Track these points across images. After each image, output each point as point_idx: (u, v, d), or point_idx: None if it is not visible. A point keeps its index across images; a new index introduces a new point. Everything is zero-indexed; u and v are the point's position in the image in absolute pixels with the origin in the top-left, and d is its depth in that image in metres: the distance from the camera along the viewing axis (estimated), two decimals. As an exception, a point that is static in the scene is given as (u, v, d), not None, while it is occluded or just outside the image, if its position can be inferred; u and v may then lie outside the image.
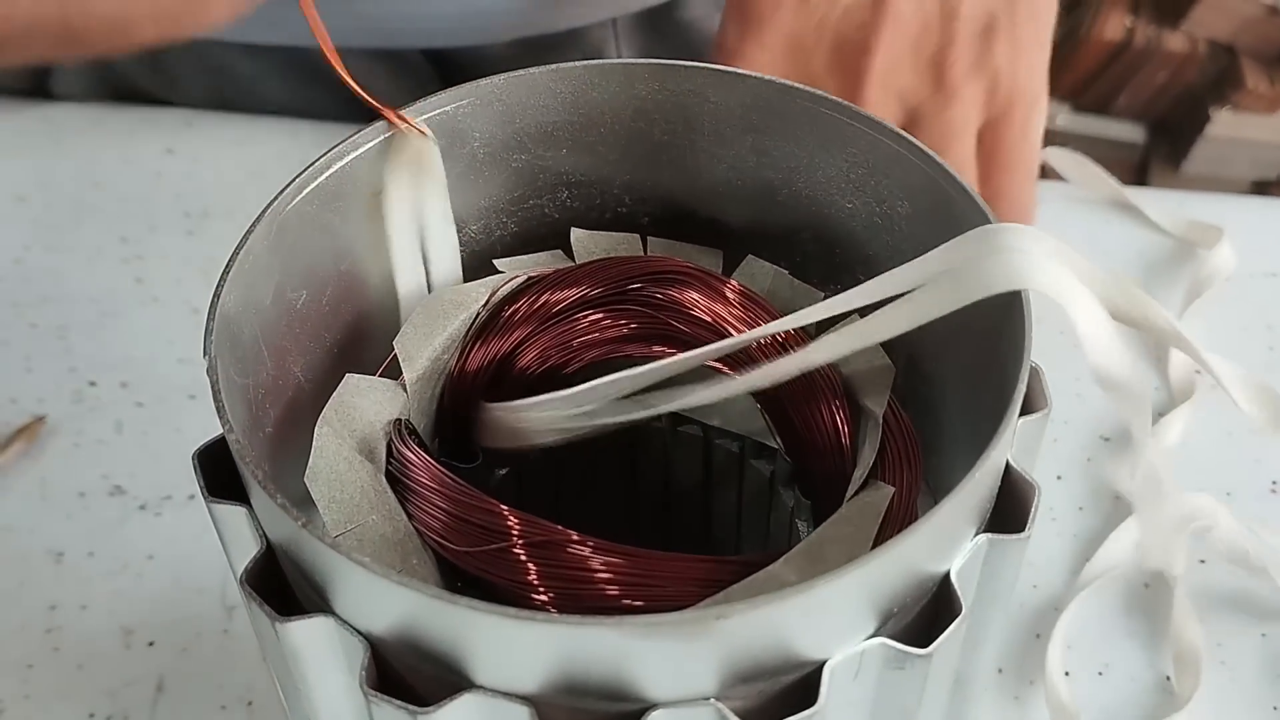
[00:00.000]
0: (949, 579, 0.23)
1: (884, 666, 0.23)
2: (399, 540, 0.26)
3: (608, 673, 0.21)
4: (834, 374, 0.29)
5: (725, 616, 0.20)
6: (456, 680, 0.22)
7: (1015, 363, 0.24)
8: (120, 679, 0.39)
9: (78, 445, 0.46)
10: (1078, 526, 0.45)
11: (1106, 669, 0.41)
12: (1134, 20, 1.37)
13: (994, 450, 0.23)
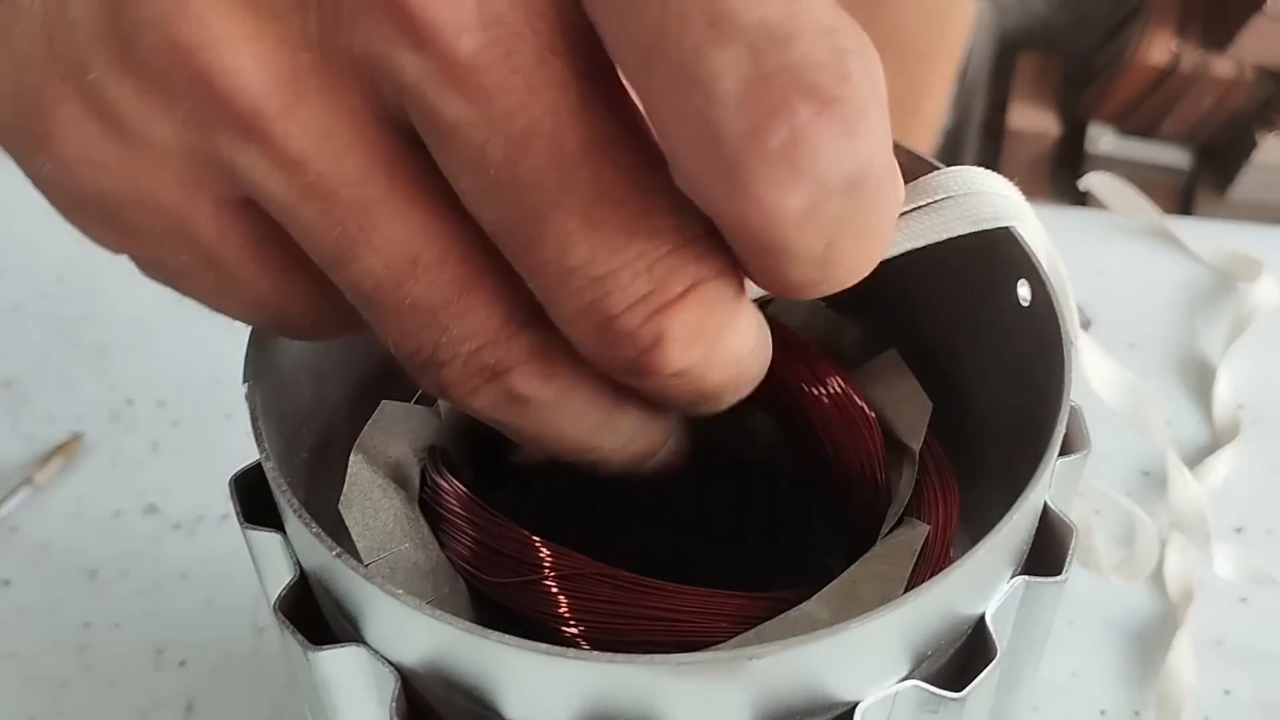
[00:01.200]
0: (984, 622, 0.23)
1: (917, 709, 0.22)
2: (431, 569, 0.26)
3: (638, 710, 0.21)
4: (870, 409, 0.28)
5: (758, 657, 0.20)
6: (486, 713, 0.21)
7: (1055, 402, 0.24)
8: (151, 698, 0.40)
9: (114, 464, 0.46)
10: (1114, 562, 0.44)
11: (1143, 708, 0.40)
12: (1180, 44, 1.36)
13: (1032, 492, 0.22)
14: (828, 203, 0.16)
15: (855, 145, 0.16)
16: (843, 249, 0.17)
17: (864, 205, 0.17)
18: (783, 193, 0.16)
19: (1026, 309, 0.27)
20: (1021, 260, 0.26)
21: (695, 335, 0.18)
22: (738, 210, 0.16)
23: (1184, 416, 0.50)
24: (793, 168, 0.15)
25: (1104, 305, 0.54)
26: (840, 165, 0.16)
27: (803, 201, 0.16)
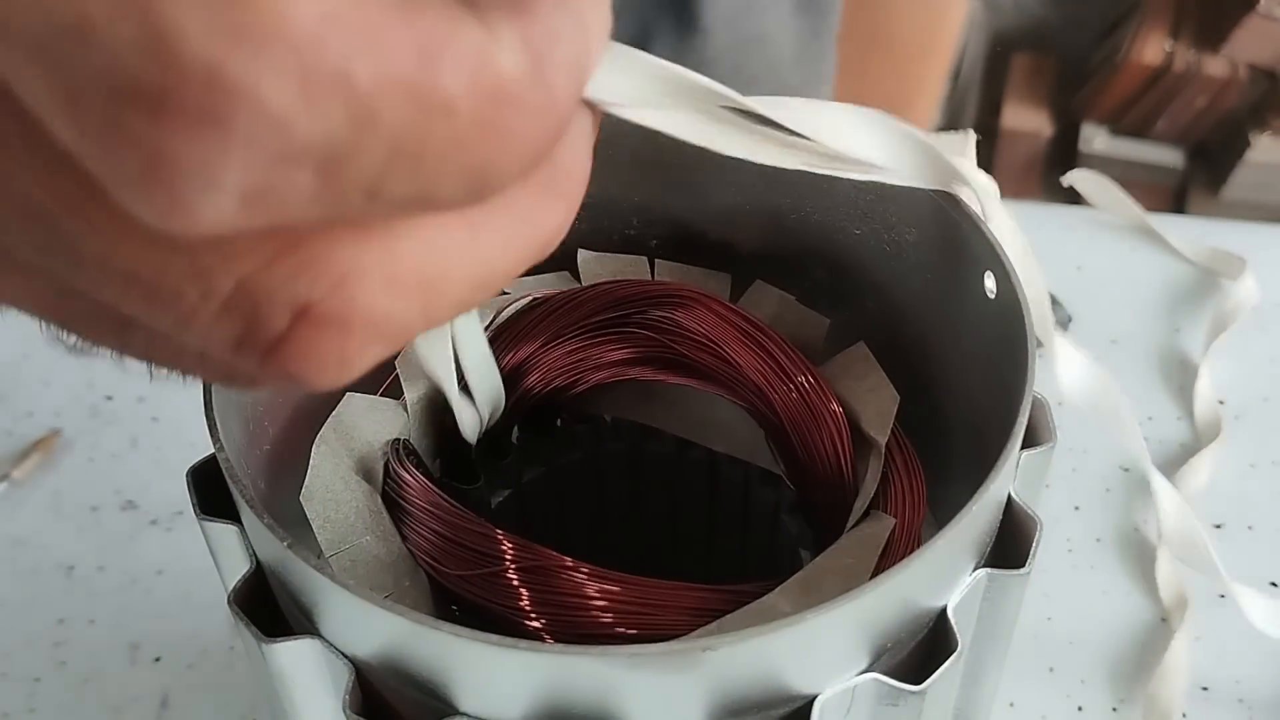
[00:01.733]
0: (945, 614, 0.23)
1: (877, 703, 0.22)
2: (392, 562, 0.26)
3: (593, 702, 0.20)
4: (837, 402, 0.28)
5: (713, 648, 0.20)
6: (441, 707, 0.21)
7: (1019, 394, 0.24)
8: (126, 694, 0.39)
9: (92, 459, 0.46)
10: (1095, 558, 0.44)
11: (1121, 704, 0.40)
12: (1174, 44, 1.36)
13: (993, 483, 0.22)
14: (282, 185, 0.12)
15: (229, 131, 0.12)
16: (404, 189, 0.13)
17: (369, 150, 0.12)
18: (187, 212, 0.12)
19: (993, 301, 0.26)
20: (988, 253, 0.26)
21: (336, 363, 0.15)
22: (172, 233, 0.12)
23: (1165, 413, 0.49)
24: (166, 188, 0.12)
25: (1085, 302, 0.53)
26: (227, 159, 0.12)
27: (222, 209, 0.12)
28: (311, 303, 0.14)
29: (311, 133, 0.12)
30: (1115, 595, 0.43)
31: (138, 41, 0.11)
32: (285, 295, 0.14)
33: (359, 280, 0.14)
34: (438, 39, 0.12)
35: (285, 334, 0.14)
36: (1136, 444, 0.30)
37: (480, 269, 0.15)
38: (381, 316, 0.14)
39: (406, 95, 0.12)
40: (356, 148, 0.12)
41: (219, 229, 0.12)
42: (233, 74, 0.11)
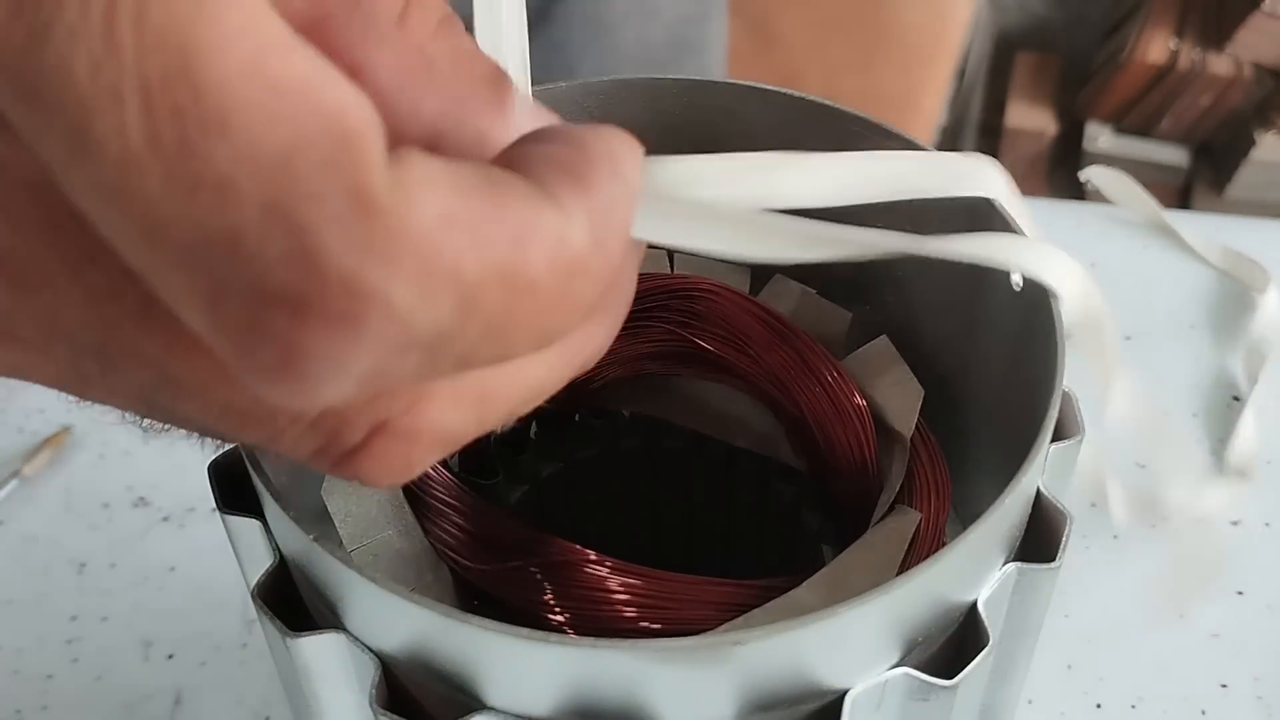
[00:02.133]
0: (976, 609, 0.22)
1: (907, 698, 0.22)
2: (415, 556, 0.25)
3: (621, 697, 0.20)
4: (861, 396, 0.28)
5: (743, 642, 0.19)
6: (468, 701, 0.21)
7: (1048, 387, 0.24)
8: (139, 692, 0.39)
9: (103, 456, 0.46)
10: (1113, 555, 0.44)
11: (1139, 702, 0.40)
12: (1178, 42, 1.36)
13: (1024, 476, 0.22)
14: (394, 368, 0.14)
15: (360, 331, 0.13)
16: (487, 357, 0.15)
17: (466, 334, 0.14)
18: (311, 396, 0.14)
19: (1019, 294, 0.26)
20: (1014, 244, 0.26)
21: (401, 466, 0.16)
22: (291, 408, 0.14)
23: (1180, 409, 0.49)
24: (298, 377, 0.13)
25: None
26: (356, 354, 0.13)
27: (341, 391, 0.14)
28: (388, 420, 0.16)
29: (427, 323, 0.13)
30: (1133, 592, 0.43)
31: (285, 254, 0.12)
32: (366, 416, 0.16)
33: (430, 401, 0.16)
34: (526, 226, 0.14)
35: (360, 445, 0.16)
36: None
37: (532, 386, 0.17)
38: (445, 429, 0.16)
39: (501, 280, 0.14)
40: (458, 330, 0.14)
41: (331, 404, 0.14)
42: (368, 281, 0.13)
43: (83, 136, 0.12)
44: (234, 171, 0.12)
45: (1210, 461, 0.47)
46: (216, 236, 0.12)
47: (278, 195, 0.12)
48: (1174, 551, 0.44)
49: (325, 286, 0.13)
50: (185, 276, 0.13)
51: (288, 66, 0.13)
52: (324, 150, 0.13)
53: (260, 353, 0.13)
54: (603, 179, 0.15)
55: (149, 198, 0.12)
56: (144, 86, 0.12)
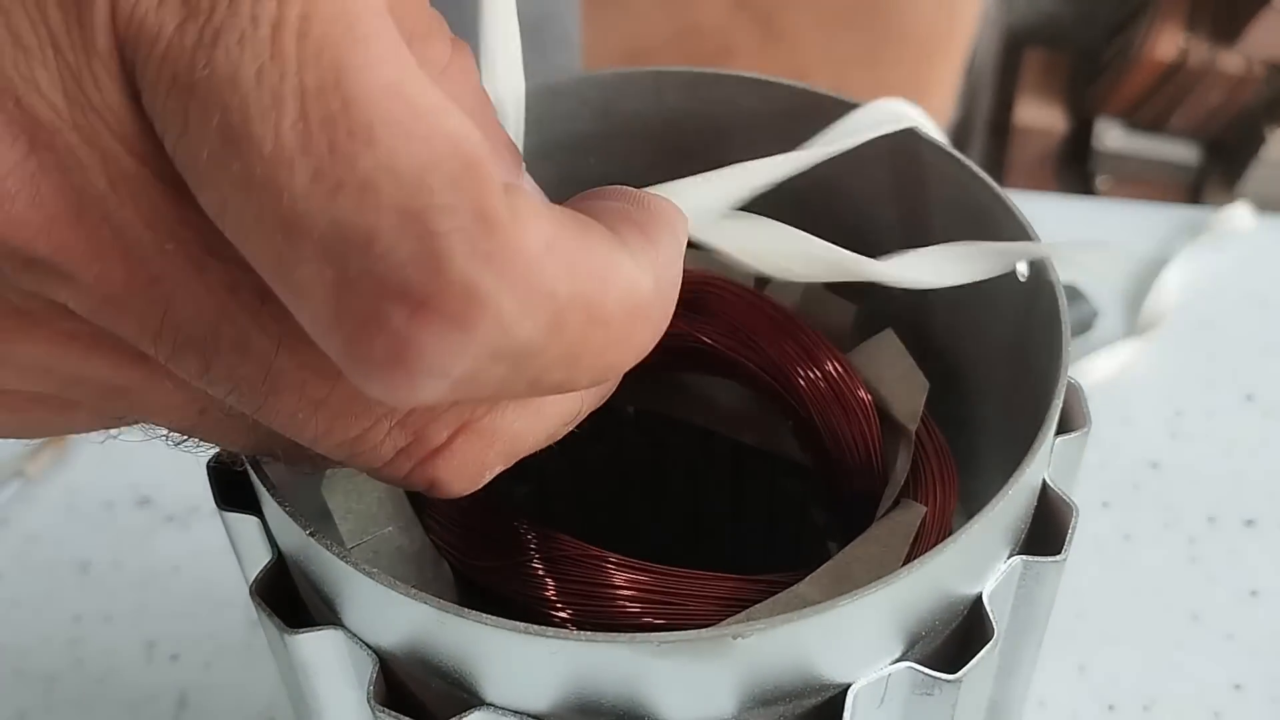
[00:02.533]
0: (981, 602, 0.22)
1: (911, 692, 0.22)
2: (415, 553, 0.25)
3: (622, 692, 0.20)
4: (865, 389, 0.28)
5: (743, 635, 0.19)
6: (467, 698, 0.21)
7: (1052, 379, 0.23)
8: (143, 692, 0.39)
9: (106, 456, 0.46)
10: (1125, 555, 0.44)
11: (1152, 703, 0.40)
12: (1188, 39, 1.35)
13: (1028, 467, 0.22)
14: (487, 375, 0.15)
15: (470, 334, 0.14)
16: (558, 379, 0.16)
17: (551, 353, 0.15)
18: (411, 392, 0.15)
19: (1024, 285, 0.26)
20: (1019, 236, 0.26)
21: (476, 470, 0.18)
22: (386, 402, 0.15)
23: (1192, 407, 0.49)
24: (406, 372, 0.14)
25: (1110, 296, 0.53)
26: (461, 356, 0.14)
27: (437, 391, 0.15)
28: (470, 420, 0.17)
29: (522, 336, 0.15)
30: (1146, 593, 0.43)
31: (414, 256, 0.14)
32: (453, 416, 0.17)
33: (503, 407, 0.18)
34: (608, 267, 0.16)
35: (443, 445, 0.17)
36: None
37: (576, 403, 0.19)
38: (515, 434, 0.18)
39: (585, 308, 0.15)
40: (543, 348, 0.15)
41: (424, 405, 0.15)
42: (483, 288, 0.14)
43: (241, 133, 0.14)
44: (376, 177, 0.14)
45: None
46: (353, 234, 0.14)
47: (414, 203, 0.14)
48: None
49: (447, 288, 0.14)
50: (316, 268, 0.14)
51: (422, 94, 0.14)
52: (454, 169, 0.14)
53: (375, 345, 0.14)
54: (665, 236, 0.17)
55: (295, 193, 0.14)
56: (301, 93, 0.14)
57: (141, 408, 0.18)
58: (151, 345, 0.16)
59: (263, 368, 0.16)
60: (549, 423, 0.19)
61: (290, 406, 0.17)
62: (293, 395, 0.16)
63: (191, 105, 0.14)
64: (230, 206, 0.14)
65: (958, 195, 0.27)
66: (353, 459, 0.18)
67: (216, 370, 0.16)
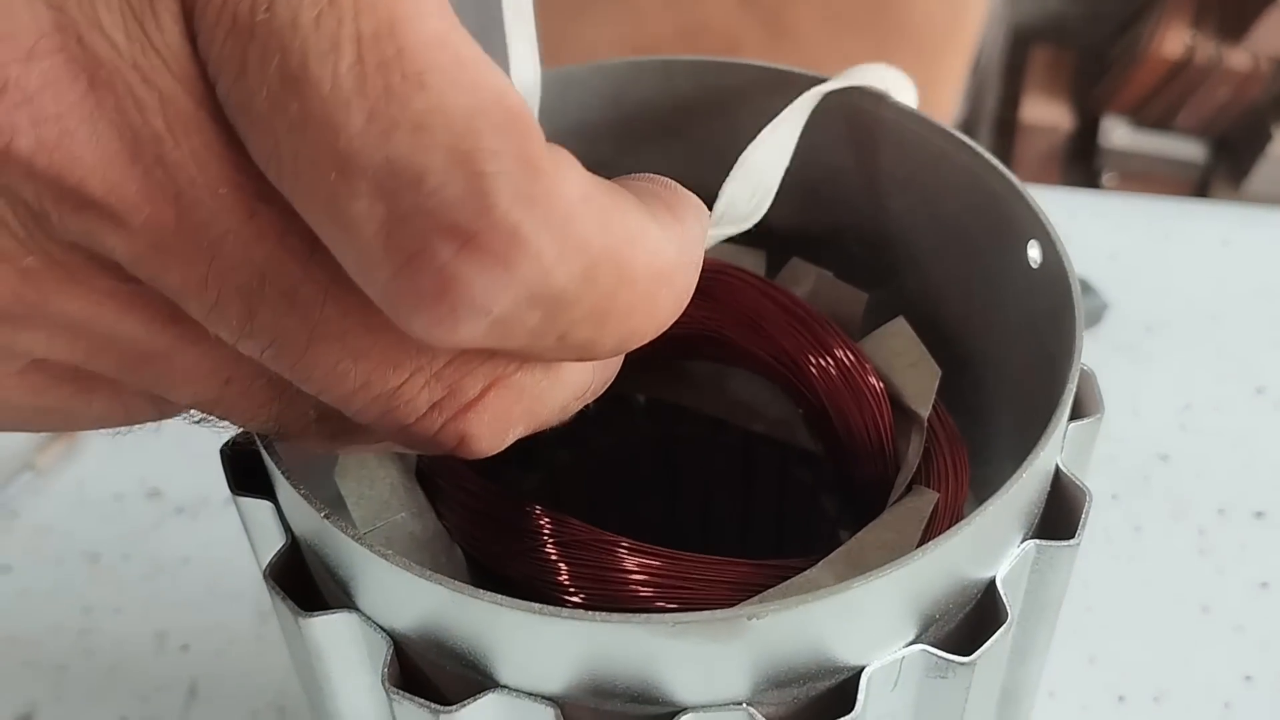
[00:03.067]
0: (995, 586, 0.22)
1: (925, 675, 0.22)
2: (428, 539, 0.25)
3: (635, 673, 0.20)
4: (877, 377, 0.28)
5: (758, 616, 0.19)
6: (480, 679, 0.21)
7: (1065, 365, 0.23)
8: (152, 683, 0.39)
9: (116, 448, 0.46)
10: (1134, 548, 0.44)
11: (1163, 695, 0.40)
12: (1195, 36, 1.35)
13: (1042, 451, 0.22)
14: (521, 319, 0.16)
15: (511, 272, 0.15)
16: (584, 335, 0.16)
17: (581, 305, 0.16)
18: (453, 328, 0.15)
19: (1036, 271, 0.26)
20: (1031, 222, 0.26)
21: (502, 428, 0.18)
22: (426, 340, 0.16)
23: (1202, 402, 0.49)
24: (450, 306, 0.15)
25: (1120, 289, 0.53)
26: (502, 293, 0.15)
27: (478, 329, 0.15)
28: (502, 376, 0.18)
29: (557, 281, 0.15)
30: (1156, 585, 0.42)
31: (462, 194, 0.15)
32: (487, 369, 0.18)
33: (532, 365, 0.18)
34: (638, 228, 0.16)
35: (476, 399, 0.18)
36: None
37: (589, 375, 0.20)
38: (538, 394, 0.18)
39: (615, 264, 0.16)
40: (575, 298, 0.16)
41: (463, 346, 0.16)
42: (525, 229, 0.15)
43: (300, 75, 0.14)
44: (428, 119, 0.14)
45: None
46: (406, 171, 0.14)
47: (463, 144, 0.14)
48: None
49: (492, 226, 0.15)
50: (368, 204, 0.15)
51: (467, 47, 0.15)
52: (500, 117, 0.15)
53: (422, 278, 0.15)
54: (689, 216, 0.18)
55: (351, 132, 0.14)
56: (358, 38, 0.14)
57: (167, 378, 0.18)
58: (196, 296, 0.16)
59: (307, 317, 0.16)
60: (566, 390, 0.19)
61: (330, 358, 0.17)
62: (334, 346, 0.17)
63: (251, 48, 0.14)
64: (284, 147, 0.15)
65: (969, 183, 0.27)
66: (385, 417, 0.18)
67: (261, 321, 0.16)
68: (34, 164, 0.15)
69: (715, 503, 0.35)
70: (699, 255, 0.18)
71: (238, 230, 0.16)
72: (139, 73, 0.15)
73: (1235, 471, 0.46)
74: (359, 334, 0.17)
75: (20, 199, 0.15)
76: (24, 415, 0.19)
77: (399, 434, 0.18)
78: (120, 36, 0.15)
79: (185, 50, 0.15)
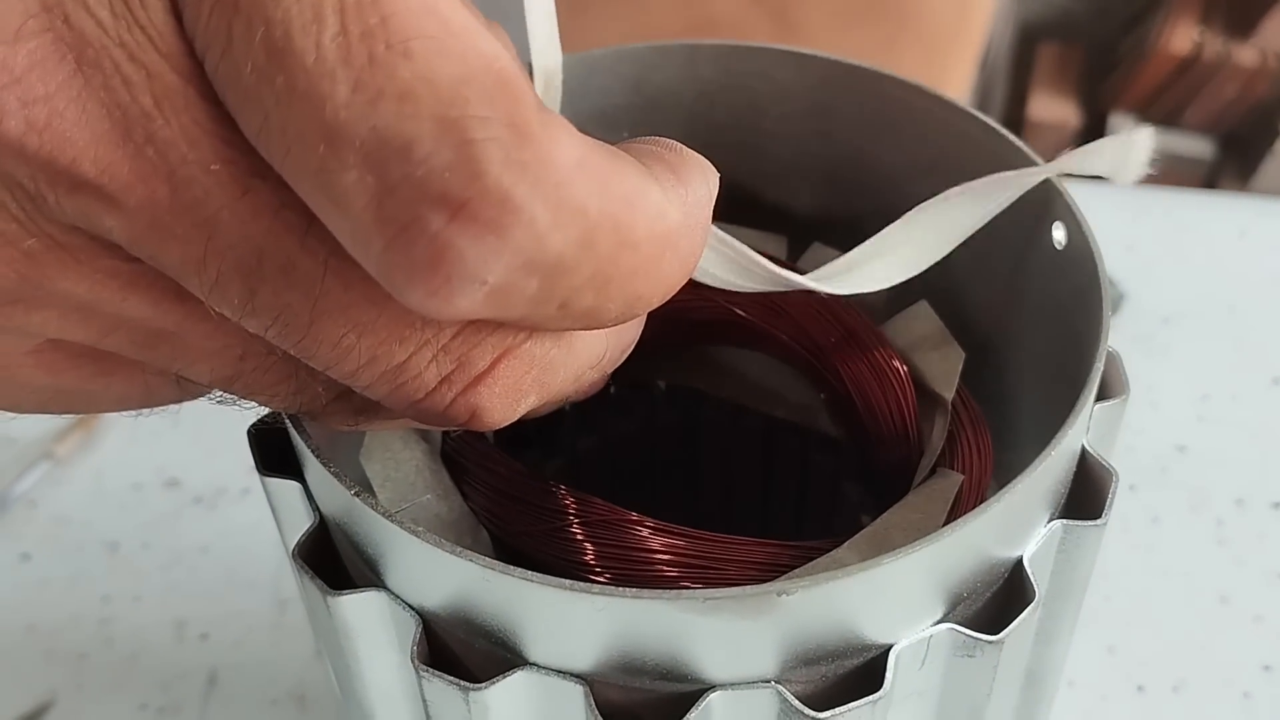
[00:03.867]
0: (1022, 565, 0.22)
1: (952, 653, 0.22)
2: (454, 520, 0.25)
3: (665, 651, 0.20)
4: (900, 360, 0.28)
5: (788, 593, 0.19)
6: (510, 657, 0.21)
7: (1092, 346, 0.23)
8: (172, 671, 0.39)
9: (134, 437, 0.46)
10: (1152, 538, 0.44)
11: (1181, 684, 0.40)
12: (1203, 33, 1.35)
13: (1069, 431, 0.22)
14: (518, 288, 0.15)
15: (505, 240, 0.15)
16: (586, 303, 0.16)
17: (580, 271, 0.16)
18: (448, 300, 0.15)
19: (1061, 252, 0.26)
20: (1056, 202, 0.26)
21: (514, 399, 0.18)
22: (423, 313, 0.15)
23: (1219, 392, 0.49)
24: (444, 276, 0.15)
25: (1137, 281, 0.53)
26: (496, 262, 0.15)
27: (475, 300, 0.15)
28: (510, 346, 0.17)
29: (553, 247, 0.15)
30: (1174, 575, 0.42)
31: (451, 162, 0.14)
32: (494, 341, 0.17)
33: (539, 335, 0.18)
34: (636, 192, 0.16)
35: (486, 371, 0.17)
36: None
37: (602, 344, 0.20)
38: (548, 363, 0.18)
39: (614, 229, 0.16)
40: (574, 264, 0.16)
41: (461, 317, 0.15)
42: (517, 196, 0.15)
43: (284, 46, 0.14)
44: (414, 88, 0.14)
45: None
46: (393, 140, 0.14)
47: (451, 113, 0.14)
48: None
49: (482, 193, 0.14)
50: (357, 175, 0.14)
51: (455, 13, 0.15)
52: (488, 84, 0.15)
53: (415, 249, 0.15)
54: (695, 178, 0.18)
55: (337, 103, 0.14)
56: (341, 9, 0.14)
57: (182, 356, 0.18)
58: (195, 275, 0.16)
59: (308, 293, 0.16)
60: (578, 360, 0.19)
61: (334, 334, 0.17)
62: (337, 321, 0.16)
63: (235, 21, 0.14)
64: (272, 121, 0.15)
65: (994, 166, 0.27)
66: (395, 392, 0.17)
67: (262, 298, 0.16)
68: (25, 146, 0.15)
69: (736, 489, 0.35)
70: (705, 218, 0.18)
71: (232, 207, 0.16)
72: (125, 50, 0.15)
73: (1253, 462, 0.46)
74: (361, 308, 0.16)
75: (16, 182, 0.15)
76: (45, 396, 0.19)
77: (410, 409, 0.18)
78: (106, 14, 0.15)
79: (171, 26, 0.15)
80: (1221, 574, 0.43)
